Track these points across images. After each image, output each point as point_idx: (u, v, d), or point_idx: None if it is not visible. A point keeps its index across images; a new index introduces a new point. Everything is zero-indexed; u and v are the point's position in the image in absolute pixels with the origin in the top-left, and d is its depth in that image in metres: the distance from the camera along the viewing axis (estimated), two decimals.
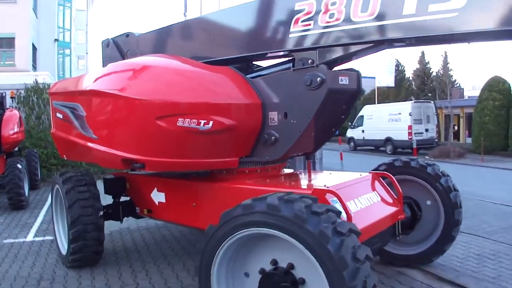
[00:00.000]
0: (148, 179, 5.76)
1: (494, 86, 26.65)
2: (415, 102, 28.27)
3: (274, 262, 3.27)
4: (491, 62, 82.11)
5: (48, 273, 5.57)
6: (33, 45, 25.93)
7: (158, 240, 7.05)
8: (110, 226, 6.99)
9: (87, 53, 41.72)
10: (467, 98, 39.21)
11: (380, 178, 4.90)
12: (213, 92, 4.43)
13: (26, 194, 10.10)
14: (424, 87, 44.65)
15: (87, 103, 4.87)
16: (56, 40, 29.56)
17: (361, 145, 30.32)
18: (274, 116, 4.43)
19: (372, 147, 29.63)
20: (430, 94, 39.55)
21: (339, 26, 3.91)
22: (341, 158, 15.43)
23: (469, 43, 3.96)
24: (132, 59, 5.22)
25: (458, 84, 45.18)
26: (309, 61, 4.17)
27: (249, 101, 4.46)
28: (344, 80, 4.19)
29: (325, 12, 3.96)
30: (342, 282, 2.78)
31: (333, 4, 3.91)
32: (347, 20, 3.84)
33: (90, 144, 4.88)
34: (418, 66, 47.24)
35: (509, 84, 27.21)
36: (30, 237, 7.43)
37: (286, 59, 4.76)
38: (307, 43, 4.15)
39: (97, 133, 4.75)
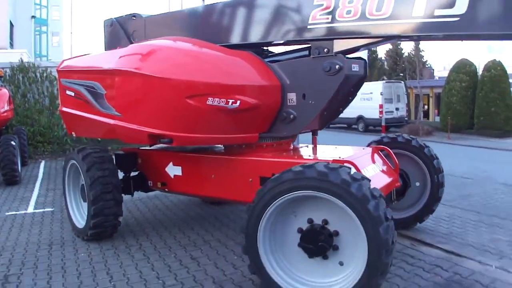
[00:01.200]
0: (163, 154, 6.10)
1: (461, 68, 27.83)
2: (386, 82, 29.19)
3: (325, 222, 3.83)
4: (461, 44, 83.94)
5: (56, 239, 6.15)
6: (10, 22, 25.71)
7: (151, 208, 7.73)
8: None
9: (71, 32, 41.04)
10: (437, 78, 40.31)
11: (379, 151, 5.58)
12: (240, 75, 4.87)
13: (19, 170, 10.57)
14: (396, 67, 45.59)
15: (108, 81, 5.10)
16: (33, 17, 29.26)
17: (334, 122, 30.91)
18: (292, 97, 4.94)
19: (345, 125, 30.51)
20: (401, 74, 40.58)
21: (355, 22, 4.44)
22: None
23: (462, 40, 4.59)
24: (158, 40, 5.35)
25: (429, 65, 46.35)
26: (325, 49, 4.69)
27: (270, 83, 4.92)
28: (355, 67, 4.79)
29: (342, 8, 4.49)
30: (369, 215, 3.44)
31: (350, 2, 4.44)
32: (363, 17, 4.39)
33: (111, 121, 5.12)
34: (390, 46, 48.06)
35: (475, 67, 28.48)
36: (30, 209, 7.93)
37: (302, 46, 5.28)
38: (324, 34, 4.68)
39: (121, 110, 5.00)
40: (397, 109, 27.92)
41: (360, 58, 5.02)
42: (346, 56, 4.75)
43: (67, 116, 6.28)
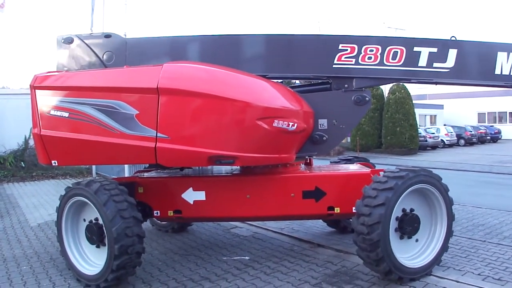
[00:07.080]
0: (178, 180, 5.88)
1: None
2: None
3: (411, 209, 5.15)
4: None
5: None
6: None
7: None
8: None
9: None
10: None
11: (363, 165, 6.66)
12: (295, 101, 5.42)
13: None
14: None
15: (148, 101, 4.89)
16: None
17: None
18: (323, 122, 5.73)
19: None
20: None
21: (374, 66, 5.68)
22: None
23: (449, 85, 6.48)
24: (206, 65, 5.39)
25: None
26: (345, 85, 5.77)
27: (309, 110, 5.54)
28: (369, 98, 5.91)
29: (364, 55, 5.67)
30: (449, 198, 5.25)
31: (371, 51, 5.65)
32: (381, 63, 5.67)
33: (149, 144, 4.89)
34: None
35: (382, 90, 30.81)
36: None
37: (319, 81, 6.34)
38: (347, 73, 5.74)
39: (169, 132, 4.87)
40: None
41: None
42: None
43: (49, 141, 5.31)
